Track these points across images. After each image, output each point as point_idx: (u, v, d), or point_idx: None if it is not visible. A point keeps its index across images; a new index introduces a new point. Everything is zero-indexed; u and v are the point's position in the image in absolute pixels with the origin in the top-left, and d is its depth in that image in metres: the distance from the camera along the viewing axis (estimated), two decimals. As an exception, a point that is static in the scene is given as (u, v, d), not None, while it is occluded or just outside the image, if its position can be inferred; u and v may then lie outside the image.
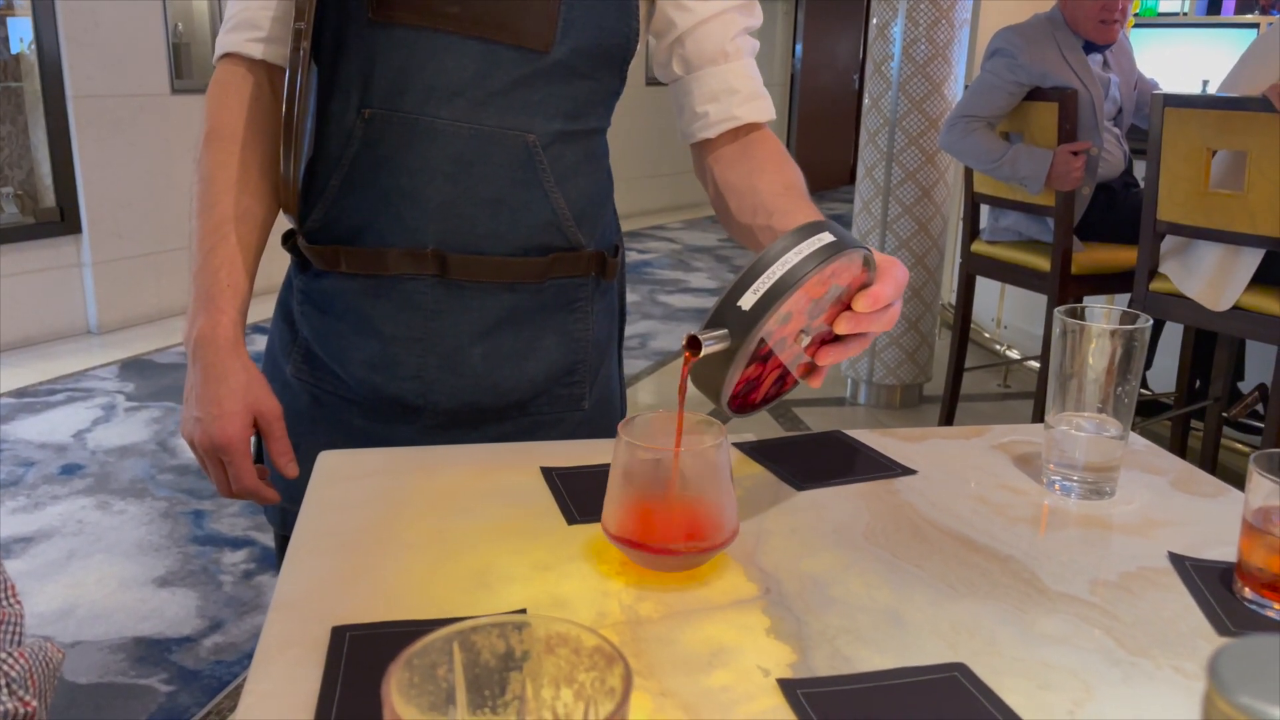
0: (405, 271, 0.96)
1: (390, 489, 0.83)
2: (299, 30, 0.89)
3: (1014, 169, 2.71)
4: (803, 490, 0.85)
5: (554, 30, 0.94)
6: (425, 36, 0.92)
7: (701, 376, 0.71)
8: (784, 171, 0.99)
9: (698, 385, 0.71)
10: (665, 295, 5.48)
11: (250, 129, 0.97)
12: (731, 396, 0.72)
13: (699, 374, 0.71)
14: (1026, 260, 2.90)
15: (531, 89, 0.95)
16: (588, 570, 0.71)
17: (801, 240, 0.69)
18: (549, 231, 0.99)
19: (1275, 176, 2.10)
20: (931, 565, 0.73)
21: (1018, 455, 0.93)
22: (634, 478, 0.69)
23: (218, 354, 0.91)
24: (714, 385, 0.70)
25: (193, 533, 2.66)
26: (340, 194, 0.98)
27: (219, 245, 0.94)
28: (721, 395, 0.71)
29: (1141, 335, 0.81)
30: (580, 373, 1.07)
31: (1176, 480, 0.89)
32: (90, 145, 4.27)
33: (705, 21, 1.01)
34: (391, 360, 0.99)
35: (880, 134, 3.50)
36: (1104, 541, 0.78)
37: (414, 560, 0.72)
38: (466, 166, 0.94)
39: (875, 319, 0.75)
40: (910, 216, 3.49)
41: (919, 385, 3.73)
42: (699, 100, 1.02)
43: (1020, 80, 2.74)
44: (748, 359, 0.69)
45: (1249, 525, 0.68)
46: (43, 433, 3.31)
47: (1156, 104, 2.30)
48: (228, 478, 0.93)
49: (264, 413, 0.93)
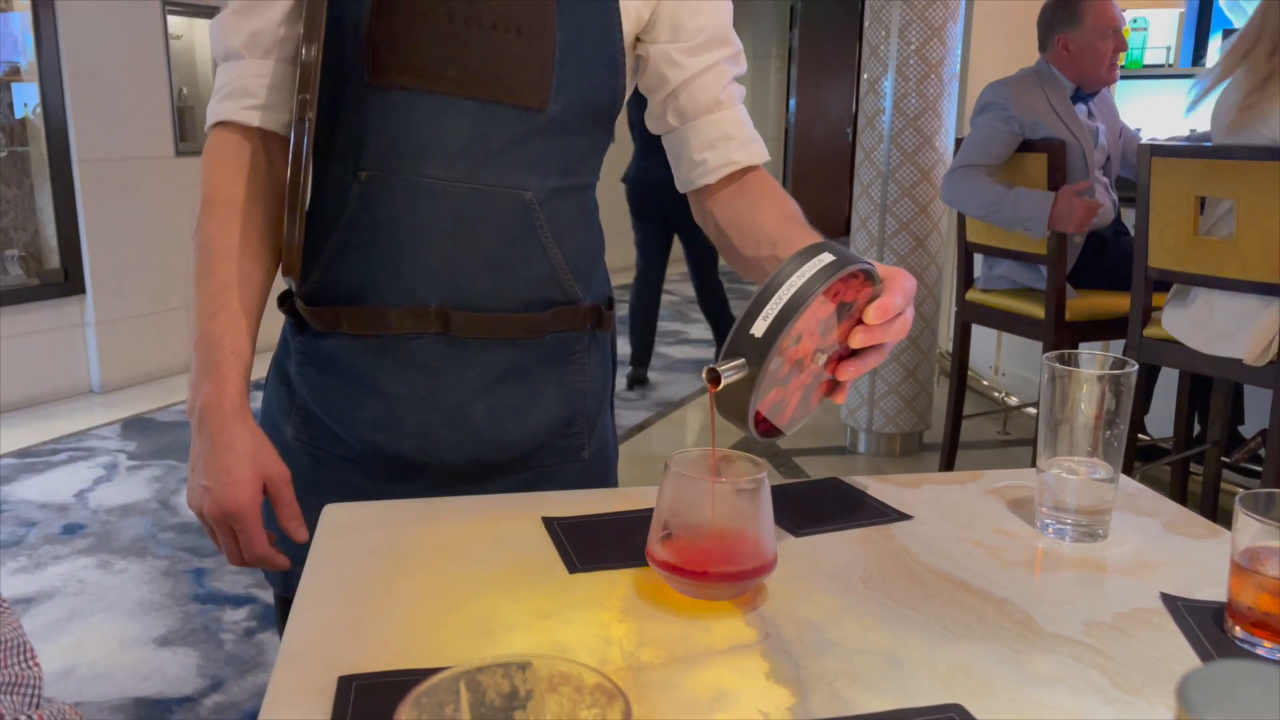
0: (408, 330, 0.98)
1: (394, 540, 0.84)
2: (304, 100, 0.90)
3: (1016, 210, 2.69)
4: (800, 536, 0.86)
5: (549, 88, 0.96)
6: (422, 99, 0.94)
7: (726, 406, 0.73)
8: (781, 203, 1.02)
9: (724, 415, 0.74)
10: (665, 347, 5.51)
11: (248, 195, 0.98)
12: (758, 421, 0.75)
13: (724, 404, 0.73)
14: (1021, 308, 2.93)
15: (528, 147, 0.97)
16: (589, 617, 0.72)
17: (803, 263, 0.72)
18: (548, 286, 1.01)
19: (1264, 222, 2.13)
20: (928, 608, 0.74)
21: (1012, 499, 0.95)
22: (680, 509, 0.72)
23: (224, 421, 0.91)
24: (739, 413, 0.73)
25: (193, 591, 2.65)
26: (338, 255, 0.99)
27: (220, 312, 0.94)
28: (748, 421, 0.73)
29: (1128, 380, 0.83)
30: (579, 423, 1.08)
31: (1169, 522, 0.90)
32: (95, 207, 4.33)
33: (697, 75, 1.04)
34: (395, 419, 1.00)
35: (874, 186, 3.55)
36: (1098, 583, 0.79)
37: (418, 610, 0.73)
38: (467, 225, 0.96)
39: (887, 329, 0.77)
40: (905, 266, 3.53)
41: (919, 433, 3.74)
42: (696, 149, 1.05)
43: (1014, 130, 2.79)
44: (767, 383, 0.72)
45: (1237, 565, 0.69)
46: (44, 493, 3.31)
47: (1144, 154, 2.34)
48: (238, 546, 0.92)
49: (272, 477, 0.92)
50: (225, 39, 0.98)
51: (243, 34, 0.98)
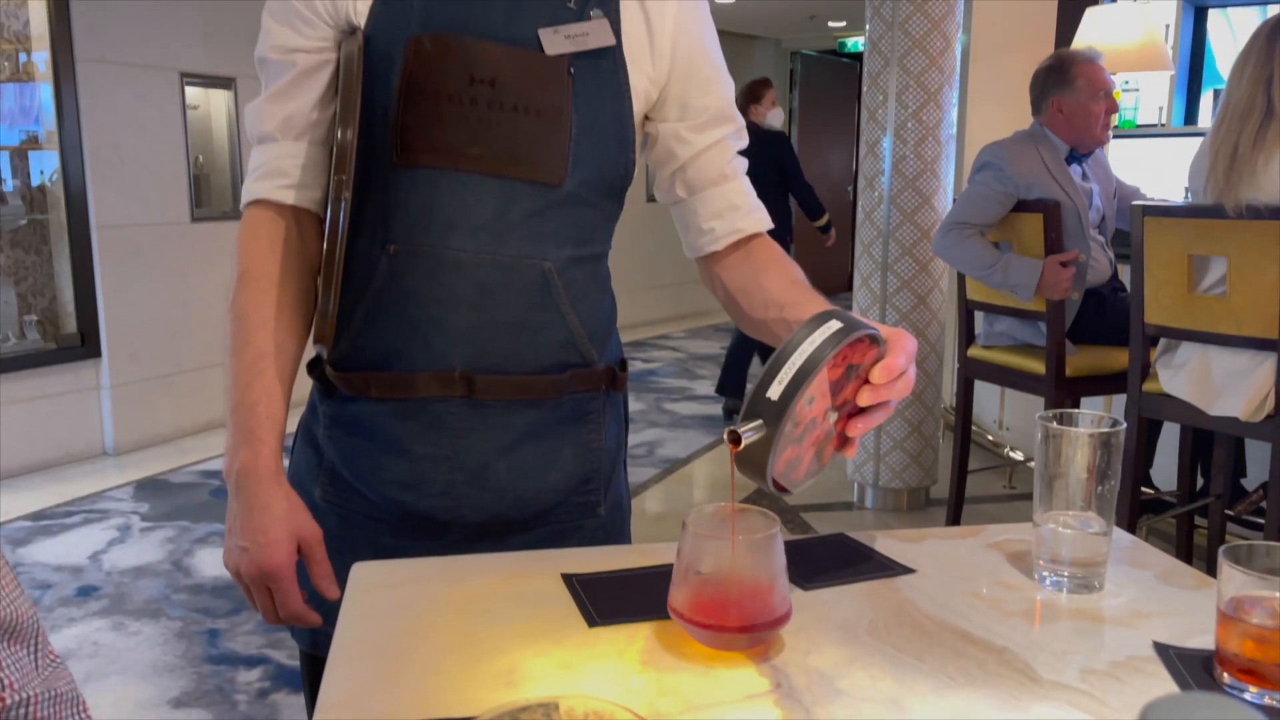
0: (434, 394, 1.02)
1: (421, 596, 0.88)
2: (340, 180, 0.96)
3: (1005, 277, 2.80)
4: (809, 590, 0.90)
5: (565, 165, 1.02)
6: (447, 176, 1.00)
7: (746, 464, 0.79)
8: (786, 269, 1.09)
9: (744, 472, 0.80)
10: (671, 403, 5.55)
11: (282, 269, 1.03)
12: (775, 477, 0.80)
13: (743, 462, 0.79)
14: (1022, 364, 2.98)
15: (546, 220, 1.03)
16: (609, 669, 0.76)
17: (814, 330, 0.78)
18: (566, 350, 1.07)
19: (1256, 279, 2.19)
20: (931, 658, 0.78)
21: (1011, 553, 0.99)
22: (699, 563, 0.76)
23: (260, 484, 0.95)
24: (758, 470, 0.79)
25: (207, 652, 2.67)
26: (367, 324, 1.04)
27: (255, 380, 0.99)
28: (766, 478, 0.79)
29: (1117, 439, 0.88)
30: (596, 480, 1.13)
31: (1162, 574, 0.94)
32: (112, 272, 4.42)
33: (704, 151, 1.10)
34: (420, 479, 1.05)
35: (875, 245, 3.62)
36: (1094, 633, 0.83)
37: (446, 663, 0.77)
38: (489, 294, 1.02)
39: (892, 387, 0.84)
40: (908, 323, 3.58)
41: (925, 488, 3.76)
42: (704, 218, 1.12)
43: (1009, 191, 2.86)
44: (784, 442, 0.78)
45: (1223, 615, 0.73)
46: (59, 555, 3.34)
47: (1136, 214, 2.41)
48: (274, 604, 0.96)
49: (306, 537, 0.97)
50: (261, 123, 1.05)
51: (277, 118, 1.04)
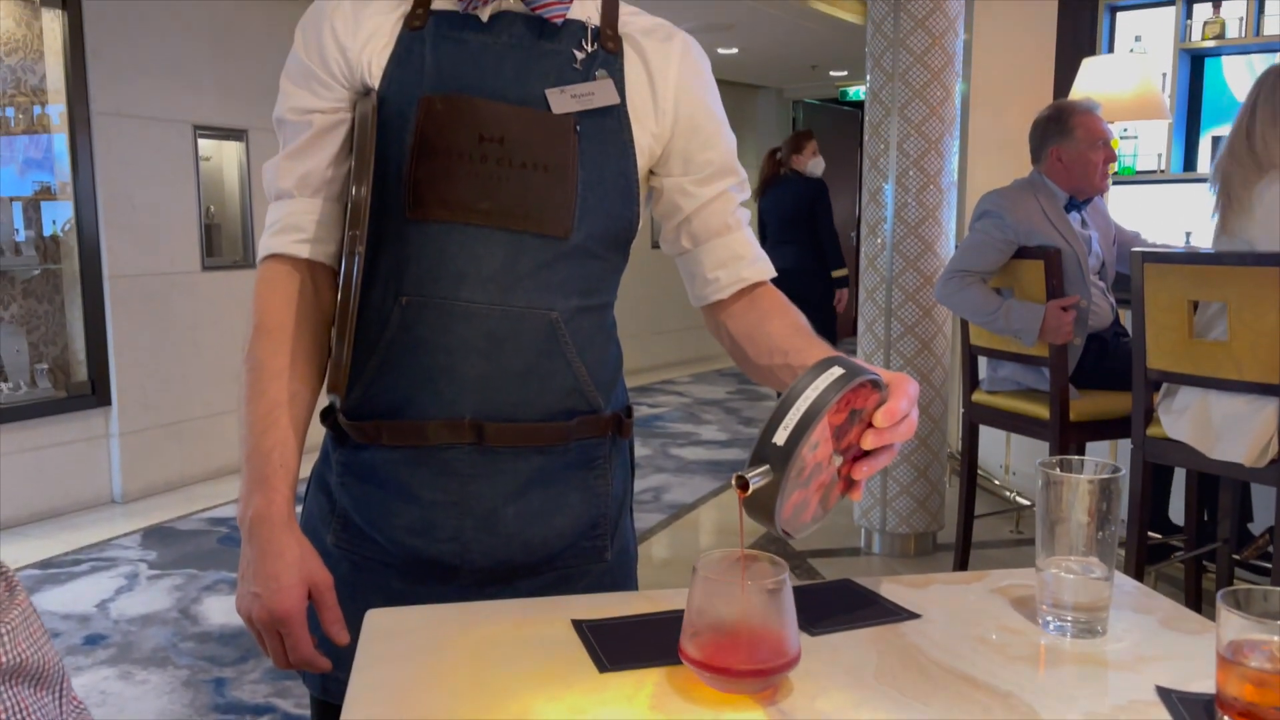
0: (444, 441, 1.05)
1: (433, 643, 0.90)
2: (354, 235, 1.00)
3: (1008, 322, 2.83)
4: (816, 634, 0.91)
5: (572, 219, 1.05)
6: (457, 230, 1.03)
7: (754, 509, 0.81)
8: (789, 316, 1.12)
9: (753, 517, 0.82)
10: (677, 448, 5.56)
11: (297, 321, 1.06)
12: (782, 521, 0.82)
13: (752, 507, 0.81)
14: (1026, 409, 2.99)
15: (553, 271, 1.06)
16: (620, 713, 0.77)
17: (817, 377, 0.81)
18: (573, 397, 1.09)
19: (1256, 324, 2.21)
20: (937, 702, 0.79)
21: (1015, 598, 1.00)
22: (709, 608, 0.78)
23: (273, 531, 0.98)
24: (766, 514, 0.81)
25: (214, 701, 2.66)
26: (379, 373, 1.06)
27: (270, 429, 1.01)
28: (775, 522, 0.81)
29: (1116, 486, 0.89)
30: (602, 526, 1.14)
31: (1165, 619, 0.95)
32: (123, 321, 4.46)
33: (708, 203, 1.14)
34: (430, 524, 1.07)
35: (878, 291, 3.66)
36: (1097, 677, 0.84)
37: (458, 707, 0.78)
38: (499, 343, 1.04)
39: (895, 431, 0.86)
40: (912, 368, 3.60)
41: (932, 534, 3.76)
42: (709, 268, 1.15)
43: (1009, 238, 2.89)
44: (791, 486, 0.80)
45: (1223, 658, 0.74)
46: (66, 603, 3.34)
47: (1135, 261, 2.44)
48: (285, 649, 0.98)
49: (318, 584, 0.99)
50: (279, 180, 1.08)
51: (294, 176, 1.08)
